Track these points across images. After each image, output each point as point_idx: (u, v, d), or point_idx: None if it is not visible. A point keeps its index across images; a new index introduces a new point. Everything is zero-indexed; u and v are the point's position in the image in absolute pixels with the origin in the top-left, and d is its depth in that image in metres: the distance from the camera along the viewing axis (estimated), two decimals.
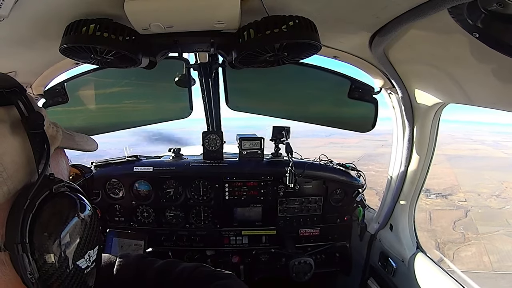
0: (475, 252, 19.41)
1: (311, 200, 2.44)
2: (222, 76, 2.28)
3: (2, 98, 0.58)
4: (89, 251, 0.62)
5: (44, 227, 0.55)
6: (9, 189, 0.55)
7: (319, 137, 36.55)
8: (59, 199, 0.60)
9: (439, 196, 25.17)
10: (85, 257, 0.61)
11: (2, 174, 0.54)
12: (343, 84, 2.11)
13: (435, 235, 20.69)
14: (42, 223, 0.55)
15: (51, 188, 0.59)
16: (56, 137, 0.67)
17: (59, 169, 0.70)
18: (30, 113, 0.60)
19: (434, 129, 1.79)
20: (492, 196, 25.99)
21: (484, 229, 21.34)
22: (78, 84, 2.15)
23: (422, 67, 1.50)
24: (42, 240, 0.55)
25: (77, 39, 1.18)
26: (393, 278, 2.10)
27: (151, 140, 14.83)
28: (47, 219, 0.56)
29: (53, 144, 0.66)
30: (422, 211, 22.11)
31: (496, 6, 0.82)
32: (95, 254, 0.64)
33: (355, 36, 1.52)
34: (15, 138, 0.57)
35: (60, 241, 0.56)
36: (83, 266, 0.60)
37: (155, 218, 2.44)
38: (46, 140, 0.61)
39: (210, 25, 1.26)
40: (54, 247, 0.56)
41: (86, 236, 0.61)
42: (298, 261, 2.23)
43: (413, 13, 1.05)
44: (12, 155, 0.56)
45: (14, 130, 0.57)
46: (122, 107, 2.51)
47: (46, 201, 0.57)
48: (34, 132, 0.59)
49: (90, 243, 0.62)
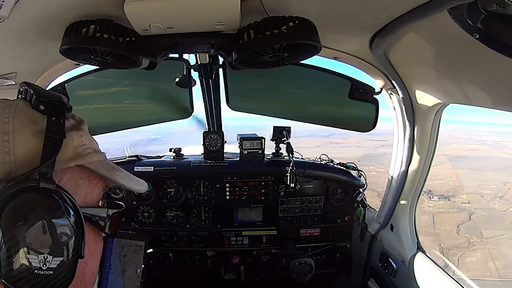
0: (480, 258, 19.06)
1: (312, 200, 2.44)
2: (222, 76, 2.28)
3: (43, 107, 0.68)
4: (47, 255, 0.60)
5: (16, 216, 0.59)
6: (10, 172, 0.62)
7: (319, 137, 36.47)
8: (40, 194, 0.61)
9: (441, 198, 24.92)
10: (38, 257, 0.60)
11: (10, 157, 0.63)
12: (344, 84, 2.10)
13: (439, 239, 20.38)
14: (11, 208, 0.59)
15: (38, 182, 0.61)
16: (82, 156, 0.71)
17: (73, 187, 0.70)
18: (55, 122, 0.67)
19: (434, 129, 1.79)
20: (496, 198, 25.75)
21: (489, 233, 21.03)
22: (78, 85, 2.15)
23: (422, 68, 1.50)
24: (4, 222, 0.58)
25: (77, 40, 1.18)
26: (393, 278, 2.09)
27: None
28: (17, 207, 0.59)
29: (75, 160, 0.70)
30: (425, 213, 21.82)
31: (496, 6, 0.81)
32: (54, 263, 0.61)
33: (355, 37, 1.51)
34: (36, 139, 0.65)
35: (17, 233, 0.58)
36: (33, 263, 0.59)
37: (156, 218, 2.44)
38: (58, 146, 0.65)
39: (210, 26, 1.26)
40: (11, 232, 0.58)
41: (49, 239, 0.60)
42: (298, 261, 2.23)
43: (413, 14, 1.05)
44: (26, 148, 0.64)
45: (39, 134, 0.65)
46: (123, 108, 2.51)
47: (24, 191, 0.60)
48: (50, 135, 0.65)
49: (52, 249, 0.61)
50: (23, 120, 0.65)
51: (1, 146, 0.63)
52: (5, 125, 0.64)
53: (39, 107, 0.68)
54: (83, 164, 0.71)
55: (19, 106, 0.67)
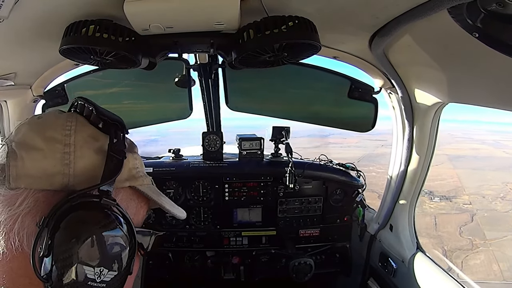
0: (484, 260, 18.67)
1: (311, 200, 2.44)
2: (222, 76, 2.28)
3: (104, 125, 0.70)
4: (103, 268, 0.62)
5: (72, 224, 0.59)
6: (69, 184, 0.63)
7: (318, 137, 36.36)
8: (101, 209, 0.62)
9: (443, 199, 24.56)
10: (94, 269, 0.60)
11: (70, 169, 0.64)
12: (343, 84, 2.11)
13: (442, 241, 19.89)
14: (74, 220, 0.59)
15: (101, 198, 0.62)
16: (135, 178, 0.74)
17: (125, 207, 0.71)
18: (117, 142, 0.69)
19: (434, 129, 1.79)
20: (497, 199, 25.42)
21: (492, 234, 20.68)
22: (78, 85, 2.14)
23: (422, 67, 1.50)
24: (64, 232, 0.58)
25: (77, 40, 1.17)
26: (393, 278, 2.09)
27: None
28: (80, 219, 0.60)
29: (129, 180, 0.72)
30: (426, 215, 21.48)
31: (496, 6, 0.82)
32: (108, 276, 0.63)
33: (354, 37, 1.52)
34: (97, 154, 0.67)
35: (77, 245, 0.58)
36: (89, 276, 0.60)
37: (155, 219, 2.44)
38: (119, 166, 0.67)
39: (210, 26, 1.26)
40: (69, 243, 0.58)
41: (107, 253, 0.62)
42: (298, 261, 2.23)
43: (413, 14, 1.05)
44: (86, 164, 0.65)
45: (100, 150, 0.67)
46: (122, 108, 2.51)
47: (87, 205, 0.61)
48: (112, 154, 0.67)
49: (108, 263, 0.62)
50: (85, 135, 0.67)
51: (61, 157, 0.64)
52: (67, 137, 0.65)
53: (98, 124, 0.70)
54: (135, 186, 0.74)
55: (79, 120, 0.69)
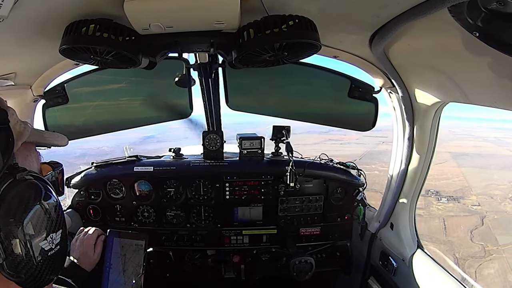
0: (498, 269, 18.03)
1: (312, 199, 2.44)
2: (222, 76, 2.28)
3: None
4: (52, 234, 0.67)
5: (8, 212, 0.61)
6: None
7: (317, 134, 36.04)
8: (22, 185, 0.65)
9: (450, 199, 24.15)
10: (48, 239, 0.66)
11: None
12: (343, 83, 2.11)
13: (453, 248, 19.19)
14: (6, 208, 0.61)
15: (14, 175, 0.65)
16: (23, 133, 0.73)
17: (27, 163, 0.76)
18: None
19: (434, 128, 1.79)
20: (506, 199, 25.01)
21: (504, 239, 20.06)
22: (78, 85, 2.15)
23: (422, 66, 1.50)
24: (7, 224, 0.60)
25: (77, 40, 1.18)
26: (393, 277, 2.10)
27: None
28: (11, 204, 0.62)
29: (20, 139, 0.72)
30: (435, 217, 20.88)
31: (496, 5, 0.81)
32: (58, 237, 0.69)
33: (355, 36, 1.51)
34: None
35: (23, 224, 0.62)
36: (46, 248, 0.65)
37: (156, 218, 2.44)
38: (10, 134, 0.67)
39: (210, 25, 1.26)
40: (18, 230, 0.61)
41: (48, 220, 0.67)
42: (298, 260, 2.24)
43: (413, 12, 1.05)
44: None
45: None
46: (122, 108, 2.51)
47: (10, 188, 0.63)
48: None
49: (52, 227, 0.68)
50: None
51: None
52: None
53: None
54: (27, 140, 0.75)
55: None
